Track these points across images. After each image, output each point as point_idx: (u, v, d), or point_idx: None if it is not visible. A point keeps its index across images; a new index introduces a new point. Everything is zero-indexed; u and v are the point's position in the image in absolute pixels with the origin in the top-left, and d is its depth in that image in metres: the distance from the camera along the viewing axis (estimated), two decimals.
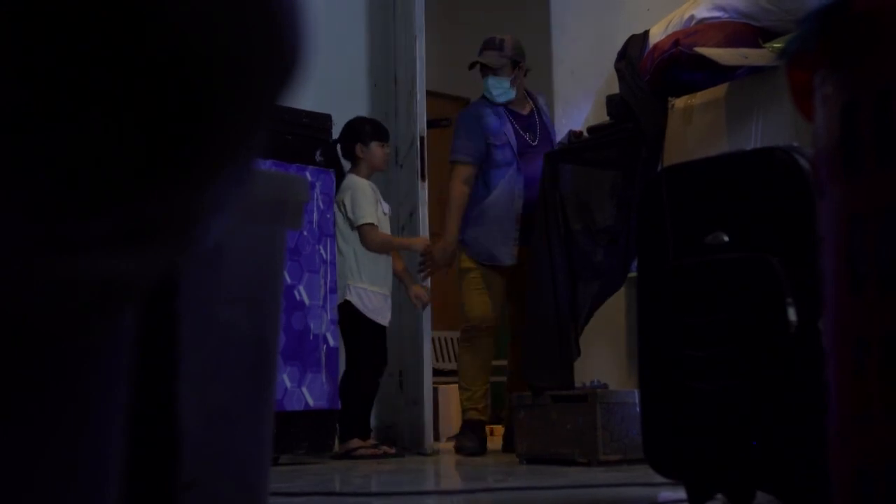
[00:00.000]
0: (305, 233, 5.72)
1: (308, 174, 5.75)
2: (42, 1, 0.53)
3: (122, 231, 0.56)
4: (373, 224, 6.16)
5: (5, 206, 0.54)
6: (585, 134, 5.70)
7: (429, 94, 7.90)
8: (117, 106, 0.55)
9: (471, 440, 6.21)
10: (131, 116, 0.55)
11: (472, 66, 6.44)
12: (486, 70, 6.33)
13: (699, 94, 4.91)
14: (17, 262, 0.56)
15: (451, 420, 7.63)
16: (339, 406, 5.90)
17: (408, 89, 6.81)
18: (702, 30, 4.94)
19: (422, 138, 6.71)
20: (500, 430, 6.78)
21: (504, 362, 6.81)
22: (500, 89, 6.31)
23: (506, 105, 6.32)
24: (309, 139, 5.94)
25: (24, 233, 0.55)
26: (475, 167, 6.26)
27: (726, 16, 4.96)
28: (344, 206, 6.16)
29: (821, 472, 1.40)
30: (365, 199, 6.18)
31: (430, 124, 6.77)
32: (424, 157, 6.62)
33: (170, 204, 0.58)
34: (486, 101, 6.41)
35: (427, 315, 6.60)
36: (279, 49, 0.59)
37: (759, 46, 4.72)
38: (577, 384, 5.29)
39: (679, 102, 4.99)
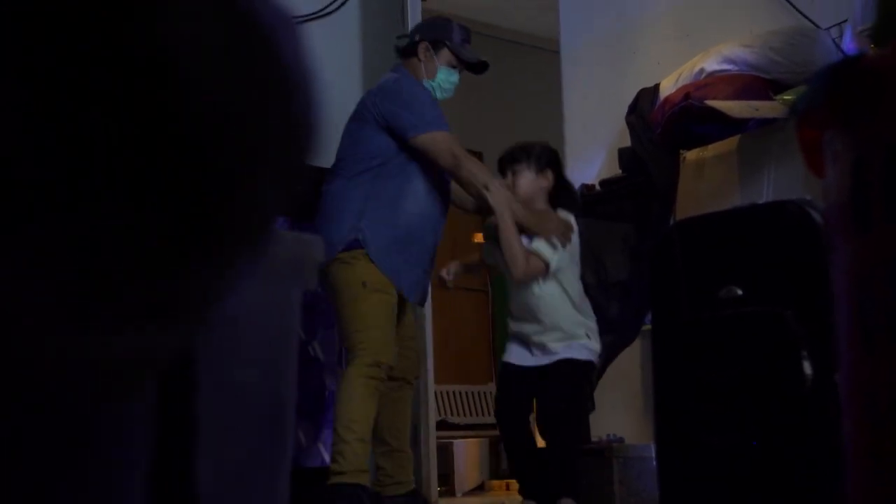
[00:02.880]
0: (320, 289, 5.73)
1: None
2: (79, 96, 0.54)
3: (146, 310, 0.58)
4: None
5: (38, 286, 0.56)
6: (597, 187, 5.72)
7: None
8: (147, 190, 0.56)
9: None
10: (159, 200, 0.56)
11: (484, 68, 5.37)
12: (461, 64, 5.21)
13: (710, 146, 4.92)
14: (48, 340, 0.57)
15: (468, 475, 7.59)
16: None
17: None
18: (712, 83, 4.96)
19: None
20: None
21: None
22: (454, 87, 5.26)
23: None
24: None
25: (55, 312, 0.56)
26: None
27: (736, 68, 4.98)
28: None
29: None
30: None
31: None
32: None
33: (193, 283, 0.59)
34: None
35: (430, 368, 6.49)
36: (299, 134, 0.61)
37: (769, 99, 4.74)
38: (593, 438, 5.27)
39: (690, 155, 5.01)
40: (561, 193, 4.90)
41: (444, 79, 5.15)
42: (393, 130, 4.87)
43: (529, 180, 4.84)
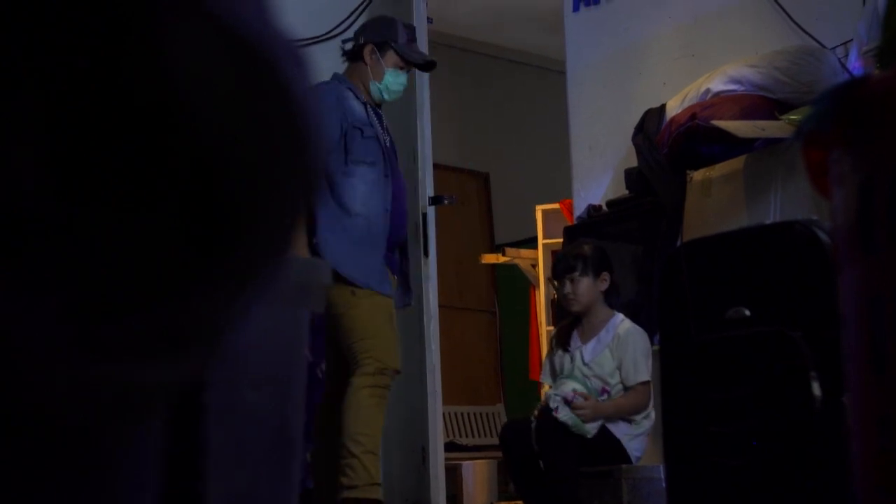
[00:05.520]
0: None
1: None
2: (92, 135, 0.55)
3: (158, 340, 0.58)
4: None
5: (45, 313, 0.56)
6: (605, 208, 5.73)
7: (444, 167, 7.92)
8: (157, 220, 0.57)
9: None
10: (170, 230, 0.57)
11: (432, 66, 5.31)
12: (409, 65, 5.11)
13: (717, 166, 4.93)
14: (56, 368, 0.57)
15: (476, 496, 7.58)
16: None
17: (419, 164, 6.51)
18: (718, 103, 4.97)
19: (424, 215, 6.25)
20: None
21: None
22: (402, 88, 5.18)
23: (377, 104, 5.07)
24: None
25: (62, 340, 0.57)
26: None
27: (742, 89, 4.99)
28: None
29: None
30: None
31: (435, 200, 6.44)
32: (427, 233, 6.41)
33: (204, 313, 0.59)
34: (345, 81, 4.99)
35: (438, 389, 6.46)
36: (306, 163, 0.61)
37: (775, 118, 4.75)
38: None
39: (697, 175, 5.01)
40: (611, 291, 4.95)
41: (391, 81, 5.05)
42: None
43: (589, 286, 4.85)
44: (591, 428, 4.66)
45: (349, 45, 5.17)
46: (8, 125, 0.55)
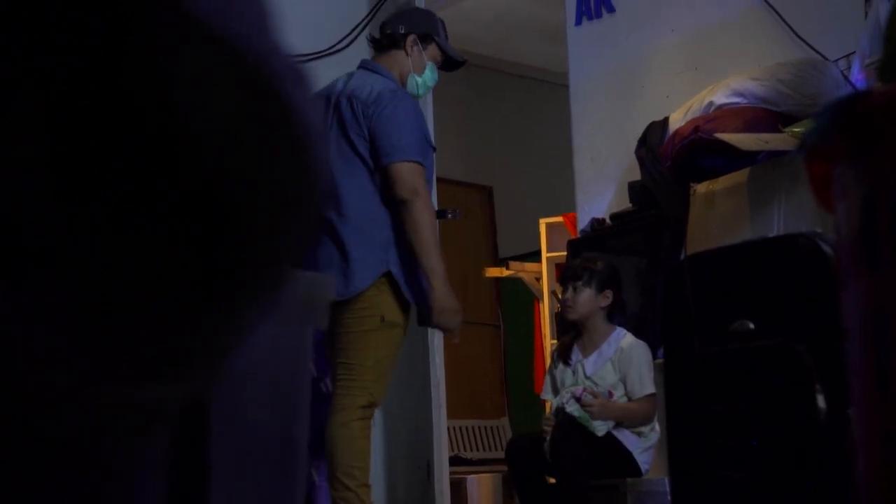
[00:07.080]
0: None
1: None
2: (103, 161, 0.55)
3: (163, 362, 0.58)
4: None
5: (55, 337, 0.56)
6: (608, 221, 5.72)
7: (447, 181, 7.92)
8: (164, 247, 0.57)
9: None
10: (176, 256, 0.57)
11: (460, 66, 5.06)
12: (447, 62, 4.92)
13: (720, 179, 4.93)
14: (56, 369, 0.58)
15: None
16: None
17: None
18: (721, 116, 4.97)
19: None
20: None
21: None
22: (434, 84, 4.97)
23: None
24: None
25: (62, 341, 0.57)
26: None
27: (745, 101, 4.99)
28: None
29: None
30: None
31: (439, 214, 6.40)
32: None
33: (209, 336, 0.60)
34: (388, 75, 4.70)
35: (442, 403, 6.47)
36: (310, 185, 0.61)
37: (778, 131, 4.74)
38: None
39: (700, 188, 5.01)
40: (615, 309, 4.97)
41: (429, 76, 4.85)
42: (370, 145, 4.48)
43: (589, 298, 4.89)
44: (600, 427, 4.67)
45: (385, 32, 4.85)
46: (8, 125, 0.55)
